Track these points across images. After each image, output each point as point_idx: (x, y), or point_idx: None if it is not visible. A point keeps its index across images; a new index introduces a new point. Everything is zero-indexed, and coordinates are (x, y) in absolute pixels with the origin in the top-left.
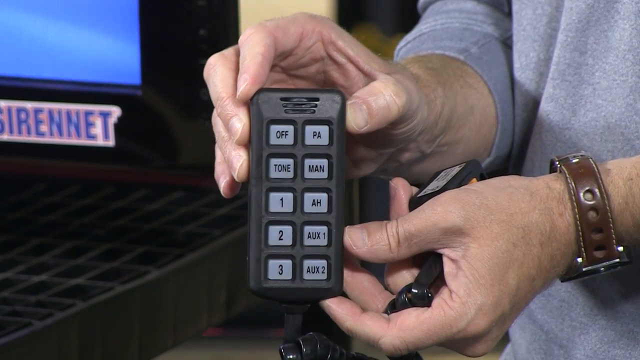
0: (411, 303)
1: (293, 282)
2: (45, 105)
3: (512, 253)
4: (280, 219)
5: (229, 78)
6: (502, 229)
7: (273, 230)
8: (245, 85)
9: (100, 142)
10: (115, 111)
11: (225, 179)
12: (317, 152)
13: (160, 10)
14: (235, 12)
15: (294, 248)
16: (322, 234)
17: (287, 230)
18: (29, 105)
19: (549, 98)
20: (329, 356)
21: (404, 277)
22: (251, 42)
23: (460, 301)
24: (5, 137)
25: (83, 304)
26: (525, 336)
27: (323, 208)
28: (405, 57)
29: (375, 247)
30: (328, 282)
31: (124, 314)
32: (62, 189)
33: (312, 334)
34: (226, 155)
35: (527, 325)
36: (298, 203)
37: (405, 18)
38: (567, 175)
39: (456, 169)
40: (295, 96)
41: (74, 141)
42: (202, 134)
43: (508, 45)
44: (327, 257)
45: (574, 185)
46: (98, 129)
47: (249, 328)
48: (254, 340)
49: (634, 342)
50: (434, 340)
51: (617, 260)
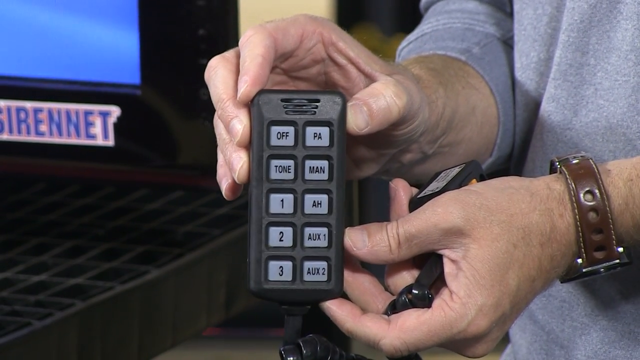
0: (412, 304)
1: (293, 283)
2: (45, 105)
3: (513, 254)
4: (281, 220)
5: (229, 80)
6: (502, 230)
7: (273, 232)
8: (245, 86)
9: (99, 141)
10: (115, 111)
11: (227, 182)
12: (317, 153)
13: (160, 10)
14: (235, 12)
15: (294, 249)
16: (323, 235)
17: (288, 231)
18: (28, 104)
19: (550, 98)
20: (329, 358)
21: (404, 278)
22: (251, 44)
23: (460, 302)
24: (4, 136)
25: (82, 304)
26: (526, 337)
27: (323, 209)
28: (406, 58)
29: (376, 248)
30: (328, 283)
31: (124, 314)
32: (62, 189)
33: (312, 335)
34: (227, 157)
35: (527, 326)
36: (298, 204)
37: (405, 18)
38: (567, 176)
39: (456, 170)
40: (296, 97)
41: (73, 141)
42: (202, 134)
43: (510, 45)
44: (328, 258)
45: (574, 186)
46: (98, 129)
47: (249, 328)
48: (253, 340)
49: (634, 343)
50: (435, 341)
51: (617, 261)
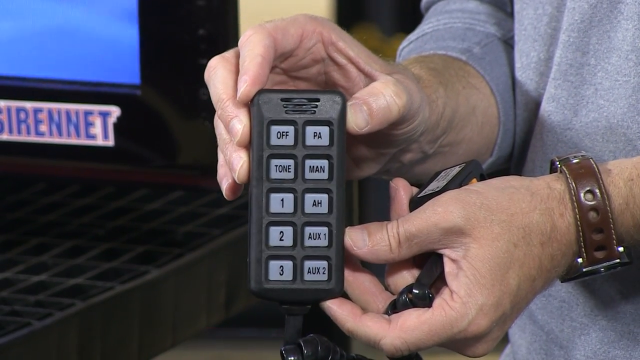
0: (412, 303)
1: (294, 283)
2: (45, 105)
3: (513, 253)
4: (281, 220)
5: (229, 80)
6: (502, 229)
7: (274, 231)
8: (245, 86)
9: (99, 141)
10: (115, 111)
11: (227, 182)
12: (317, 152)
13: (160, 10)
14: (235, 12)
15: (294, 249)
16: (323, 234)
17: (288, 231)
18: (28, 105)
19: (550, 98)
20: (329, 358)
21: (404, 277)
22: (251, 44)
23: (461, 301)
24: (4, 136)
25: (82, 304)
26: (526, 337)
27: (324, 209)
28: (407, 58)
29: (376, 247)
30: (329, 283)
31: (124, 314)
32: (62, 189)
33: (312, 335)
34: (227, 157)
35: (527, 326)
36: (299, 204)
37: (405, 18)
38: (568, 176)
39: (456, 169)
40: (296, 97)
41: (73, 141)
42: (202, 134)
43: (510, 45)
44: (328, 258)
45: (574, 186)
46: (97, 129)
47: (249, 328)
48: (253, 340)
49: (634, 343)
50: (435, 340)
51: (618, 260)
